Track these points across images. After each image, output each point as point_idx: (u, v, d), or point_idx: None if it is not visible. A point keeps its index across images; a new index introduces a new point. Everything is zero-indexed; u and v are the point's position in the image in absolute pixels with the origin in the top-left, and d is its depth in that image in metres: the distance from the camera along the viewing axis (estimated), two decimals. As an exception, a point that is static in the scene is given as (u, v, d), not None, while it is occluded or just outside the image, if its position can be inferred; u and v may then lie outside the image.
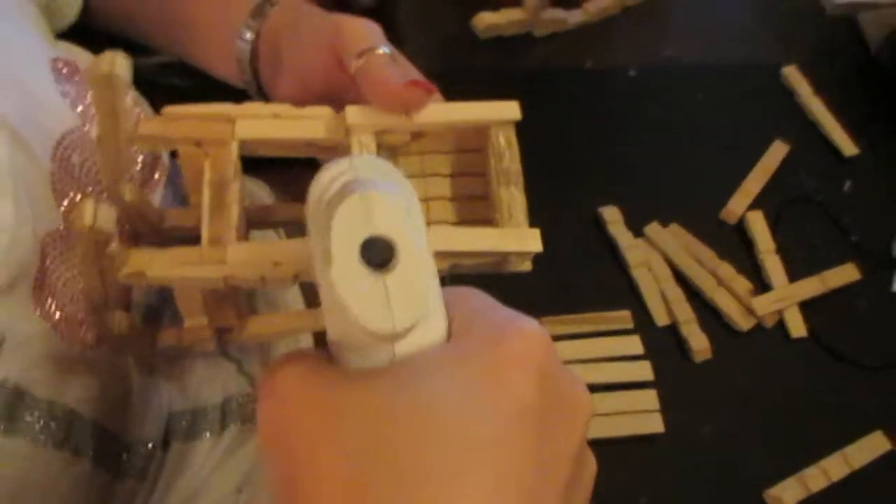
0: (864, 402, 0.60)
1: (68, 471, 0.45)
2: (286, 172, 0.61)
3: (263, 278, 0.40)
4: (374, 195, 0.23)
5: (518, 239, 0.40)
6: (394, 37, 0.77)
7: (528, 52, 0.75)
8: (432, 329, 0.25)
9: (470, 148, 0.46)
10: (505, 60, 0.74)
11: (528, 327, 0.25)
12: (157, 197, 0.55)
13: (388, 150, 0.45)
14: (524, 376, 0.24)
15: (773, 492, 0.55)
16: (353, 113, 0.42)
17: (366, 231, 0.23)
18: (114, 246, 0.38)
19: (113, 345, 0.49)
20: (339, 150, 0.46)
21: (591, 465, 0.28)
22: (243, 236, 0.45)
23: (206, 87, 0.62)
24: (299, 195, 0.57)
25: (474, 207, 0.44)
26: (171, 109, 0.44)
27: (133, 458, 0.51)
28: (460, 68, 0.72)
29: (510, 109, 0.44)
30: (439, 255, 0.40)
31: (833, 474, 0.56)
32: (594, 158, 0.70)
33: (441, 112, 0.43)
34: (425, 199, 0.44)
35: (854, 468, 0.57)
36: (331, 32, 0.47)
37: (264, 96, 0.55)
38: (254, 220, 0.51)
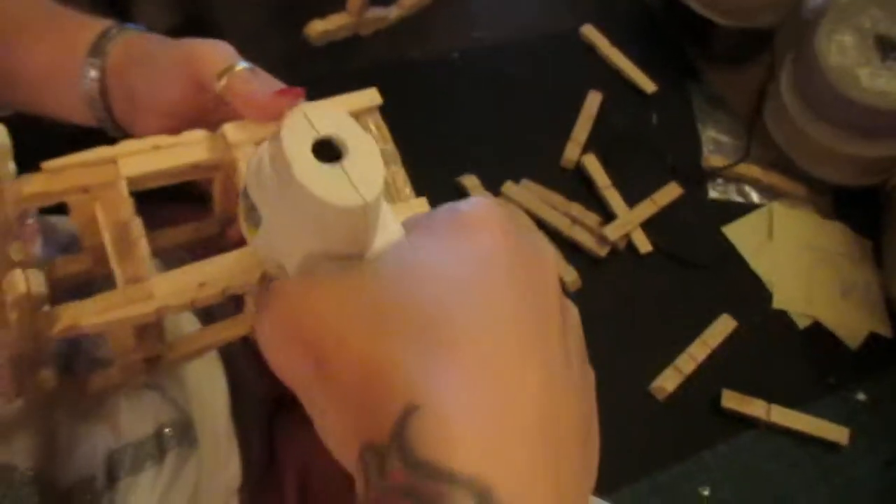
0: (709, 293, 0.72)
1: None
2: (159, 211, 0.63)
3: (193, 301, 0.42)
4: (311, 106, 0.26)
5: (411, 211, 0.46)
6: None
7: (360, 51, 0.80)
8: (390, 231, 0.27)
9: None
10: (339, 63, 0.79)
11: (481, 199, 0.27)
12: (36, 249, 0.56)
13: None
14: (487, 230, 0.25)
15: (656, 383, 0.65)
16: (231, 130, 0.45)
17: (313, 136, 0.25)
18: (45, 307, 0.40)
19: (42, 401, 0.50)
20: (221, 167, 0.49)
21: (572, 307, 0.29)
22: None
23: (61, 136, 0.62)
24: (165, 224, 0.59)
25: None
26: (50, 163, 0.45)
27: (77, 502, 0.52)
28: (301, 77, 0.76)
29: (371, 96, 0.49)
30: None
31: (698, 356, 0.67)
32: (443, 137, 0.77)
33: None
34: None
35: (712, 348, 0.68)
36: (185, 59, 0.48)
37: (122, 133, 0.56)
38: (158, 249, 0.53)
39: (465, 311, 0.23)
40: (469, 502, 0.21)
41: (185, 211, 0.53)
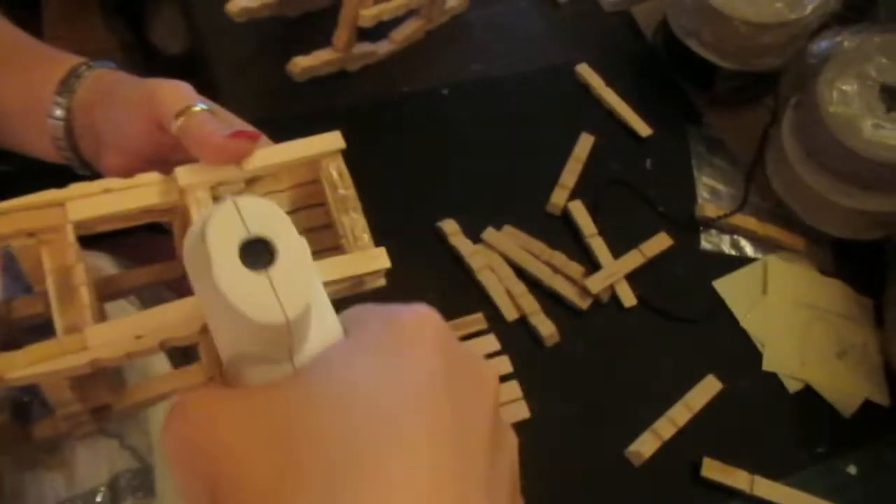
0: (695, 352, 0.69)
1: None
2: (126, 240, 0.61)
3: (129, 354, 0.40)
4: (245, 200, 0.24)
5: (367, 260, 0.44)
6: (210, 88, 0.79)
7: (346, 87, 0.78)
8: (326, 330, 0.25)
9: (305, 181, 0.49)
10: (324, 100, 0.77)
11: (420, 308, 0.26)
12: None
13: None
14: (425, 348, 0.24)
15: (633, 448, 0.62)
16: (183, 174, 0.43)
17: (241, 234, 0.23)
18: None
19: None
20: (176, 211, 0.47)
21: (511, 436, 0.28)
22: (98, 316, 0.45)
23: (26, 169, 0.62)
24: (143, 260, 0.58)
25: (320, 237, 0.47)
26: None
27: None
28: (282, 114, 0.75)
29: (334, 140, 0.47)
30: None
31: (679, 420, 0.64)
32: (426, 177, 0.74)
33: (270, 155, 0.46)
34: None
35: (695, 411, 0.65)
36: (145, 98, 0.47)
37: (90, 170, 0.55)
38: (103, 293, 0.51)
39: (389, 459, 0.22)
40: None
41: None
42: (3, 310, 0.49)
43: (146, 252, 0.59)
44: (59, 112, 0.53)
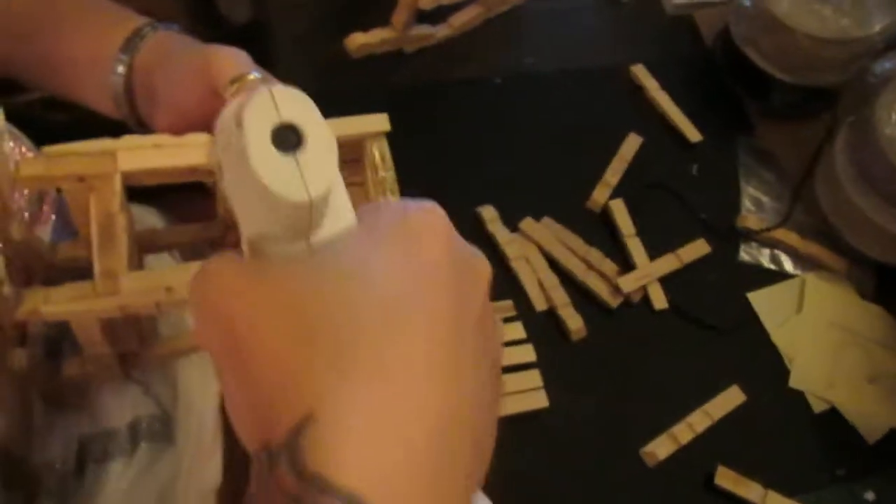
0: (721, 361, 0.68)
1: None
2: (173, 196, 0.63)
3: (158, 304, 0.42)
4: (280, 90, 0.25)
5: None
6: (268, 59, 0.80)
7: (400, 68, 0.79)
8: (342, 218, 0.27)
9: (347, 159, 0.50)
10: (378, 77, 0.78)
11: (429, 205, 0.27)
12: (47, 229, 0.57)
13: None
14: (433, 239, 0.26)
15: (648, 448, 0.62)
16: None
17: (275, 120, 0.25)
18: (5, 289, 0.40)
19: (16, 380, 0.51)
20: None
21: (498, 321, 0.29)
22: (136, 265, 0.47)
23: (86, 121, 0.64)
24: (188, 217, 0.60)
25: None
26: (51, 148, 0.45)
27: (45, 482, 0.53)
28: (335, 88, 0.76)
29: (380, 122, 0.48)
30: None
31: (697, 427, 0.63)
32: (469, 163, 0.75)
33: None
34: None
35: (715, 420, 0.64)
36: (202, 64, 0.49)
37: (144, 128, 0.57)
38: (145, 246, 0.53)
39: (389, 328, 0.24)
40: None
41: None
42: (49, 251, 0.51)
43: (191, 210, 0.61)
44: (120, 69, 0.55)
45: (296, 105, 0.26)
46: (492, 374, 0.28)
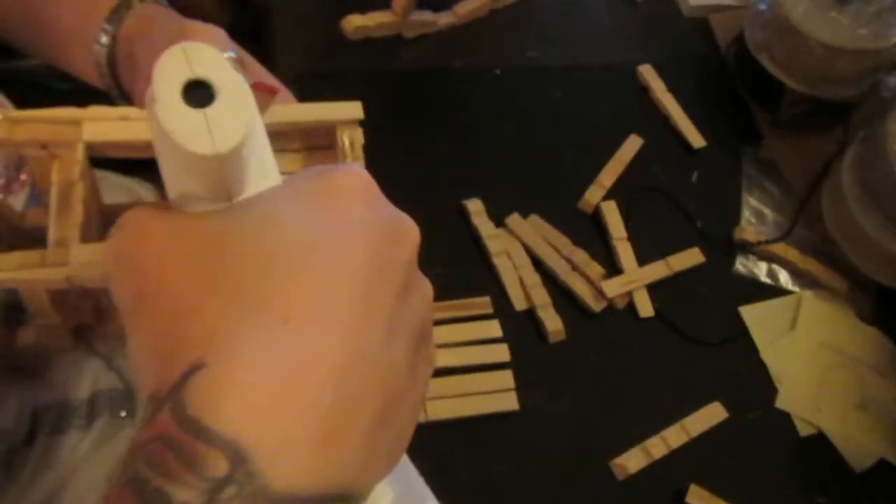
0: (705, 376, 0.65)
1: None
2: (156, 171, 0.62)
3: (106, 276, 0.41)
4: (194, 46, 0.26)
5: None
6: (269, 39, 0.79)
7: (398, 53, 0.77)
8: (267, 180, 0.28)
9: (322, 145, 0.49)
10: (375, 62, 0.76)
11: (354, 167, 0.28)
12: (21, 197, 0.56)
13: None
14: (351, 196, 0.26)
15: (618, 460, 0.60)
16: None
17: (186, 75, 0.25)
18: None
19: None
20: None
21: (424, 288, 0.29)
22: (94, 236, 0.46)
23: (90, 90, 0.63)
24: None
25: None
26: (16, 113, 0.45)
27: None
28: (331, 70, 0.74)
29: (353, 109, 0.46)
30: None
31: (672, 442, 0.61)
32: (460, 153, 0.73)
33: (286, 113, 0.46)
34: None
35: (692, 436, 0.62)
36: (177, 38, 0.48)
37: (127, 100, 0.56)
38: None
39: (295, 275, 0.24)
40: (223, 463, 0.21)
41: None
42: (18, 218, 0.50)
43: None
44: (104, 39, 0.54)
45: (209, 62, 0.26)
46: (414, 345, 0.27)
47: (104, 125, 0.44)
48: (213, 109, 0.25)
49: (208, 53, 0.26)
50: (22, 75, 0.71)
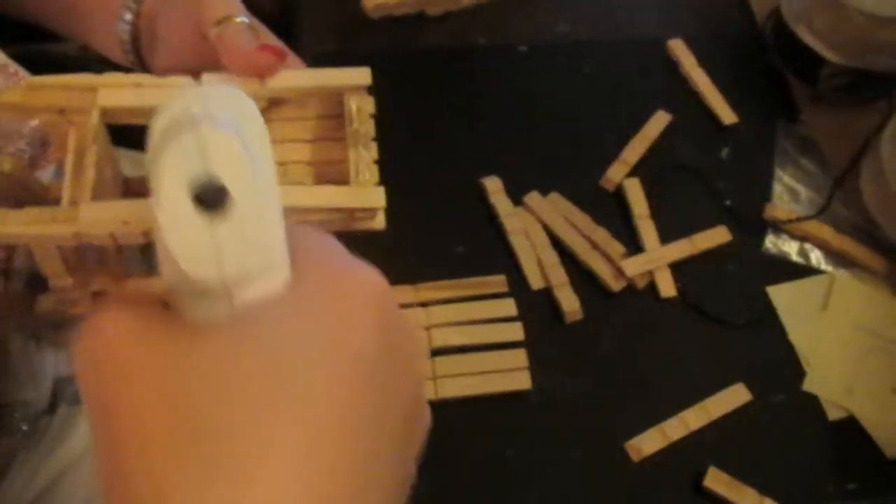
0: (729, 357, 0.63)
1: None
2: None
3: (113, 235, 0.42)
4: (211, 134, 0.21)
5: (362, 196, 0.43)
6: (291, 18, 0.79)
7: (421, 31, 0.77)
8: (274, 277, 0.24)
9: (331, 114, 0.49)
10: (398, 41, 0.76)
11: (368, 277, 0.25)
12: (49, 172, 0.57)
13: None
14: (363, 324, 0.24)
15: (634, 442, 0.58)
16: (208, 79, 0.45)
17: (198, 172, 0.21)
18: None
19: None
20: None
21: (424, 419, 0.28)
22: (107, 199, 0.46)
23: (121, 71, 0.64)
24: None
25: (334, 170, 0.47)
26: (34, 79, 0.46)
27: (15, 419, 0.54)
28: (353, 49, 0.74)
29: (361, 75, 0.47)
30: (287, 210, 0.42)
31: (692, 423, 0.59)
32: (482, 131, 0.72)
33: (294, 78, 0.46)
34: (283, 163, 0.46)
35: (712, 418, 0.60)
36: (194, 6, 0.49)
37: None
38: (136, 190, 0.53)
39: (282, 428, 0.22)
40: None
41: None
42: (42, 189, 0.51)
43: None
44: (128, 16, 0.55)
45: (228, 154, 0.21)
46: (405, 480, 0.26)
47: (119, 91, 0.46)
48: (228, 221, 0.21)
49: (226, 143, 0.22)
50: (55, 58, 0.73)
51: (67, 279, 0.47)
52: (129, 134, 0.48)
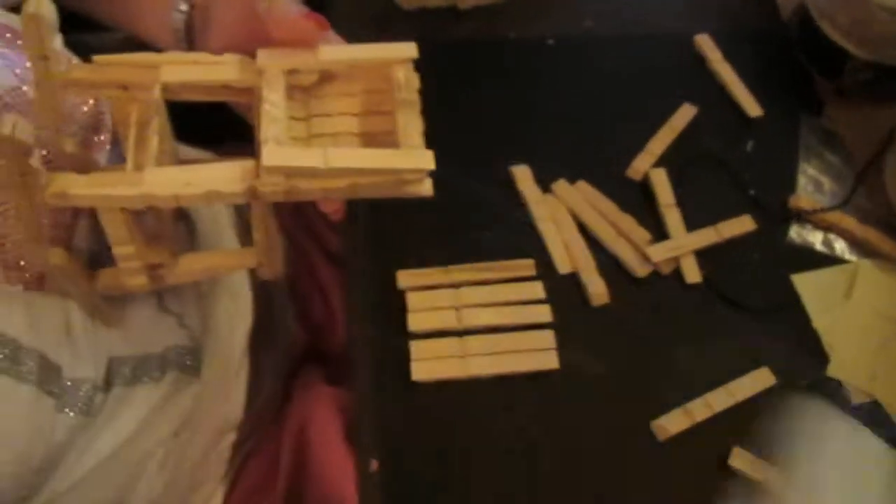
0: (754, 343, 0.64)
1: (14, 394, 0.50)
2: (230, 146, 0.65)
3: (177, 196, 0.44)
4: None
5: (411, 157, 0.45)
6: (325, 9, 0.81)
7: (453, 24, 0.79)
8: None
9: (377, 89, 0.51)
10: (430, 32, 0.78)
11: None
12: (101, 158, 0.60)
13: (300, 90, 0.50)
14: None
15: (660, 421, 0.60)
16: (262, 55, 0.48)
17: None
18: (35, 160, 0.43)
19: (51, 281, 0.53)
20: (255, 91, 0.52)
21: None
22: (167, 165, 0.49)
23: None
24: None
25: (381, 141, 0.49)
26: (100, 58, 0.49)
27: (75, 393, 0.56)
28: (386, 40, 0.76)
29: (407, 49, 0.50)
30: (339, 172, 0.44)
31: (716, 405, 0.60)
32: (511, 122, 0.74)
33: (343, 51, 0.49)
34: (334, 135, 0.49)
35: (738, 400, 0.61)
36: None
37: None
38: None
39: None
40: None
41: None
42: (102, 170, 0.54)
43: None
44: (184, 6, 0.57)
45: None
46: None
47: (179, 69, 0.49)
48: None
49: None
50: (105, 48, 0.75)
51: (131, 247, 0.49)
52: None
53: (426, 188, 0.46)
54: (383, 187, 0.46)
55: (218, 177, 0.44)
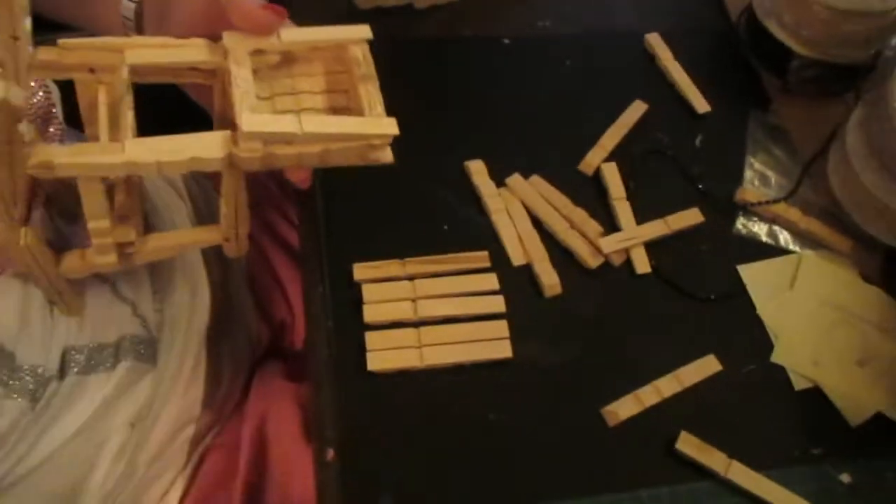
0: (701, 331, 0.66)
1: None
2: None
3: (159, 163, 0.46)
4: None
5: (377, 125, 0.49)
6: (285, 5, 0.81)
7: (410, 23, 0.80)
8: None
9: (337, 70, 0.55)
10: (386, 31, 0.78)
11: None
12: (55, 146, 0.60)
13: (263, 71, 0.53)
14: None
15: (610, 407, 0.61)
16: (228, 37, 0.51)
17: None
18: (23, 125, 0.43)
19: (17, 263, 0.53)
20: (218, 73, 0.53)
21: None
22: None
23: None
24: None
25: (343, 115, 0.53)
26: (66, 41, 0.50)
27: (24, 379, 0.56)
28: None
29: (362, 30, 0.54)
30: (311, 138, 0.47)
31: (665, 391, 0.62)
32: (466, 118, 0.75)
33: (304, 34, 0.52)
34: (299, 112, 0.52)
35: (685, 386, 0.63)
36: None
37: None
38: None
39: None
40: None
41: None
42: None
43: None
44: None
45: None
46: None
47: (146, 51, 0.50)
48: None
49: None
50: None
51: (107, 221, 0.50)
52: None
53: (387, 155, 0.51)
54: (351, 153, 0.49)
55: (198, 144, 0.46)
